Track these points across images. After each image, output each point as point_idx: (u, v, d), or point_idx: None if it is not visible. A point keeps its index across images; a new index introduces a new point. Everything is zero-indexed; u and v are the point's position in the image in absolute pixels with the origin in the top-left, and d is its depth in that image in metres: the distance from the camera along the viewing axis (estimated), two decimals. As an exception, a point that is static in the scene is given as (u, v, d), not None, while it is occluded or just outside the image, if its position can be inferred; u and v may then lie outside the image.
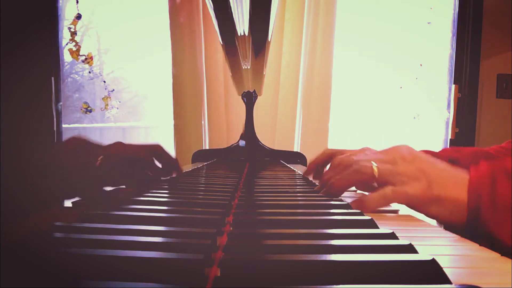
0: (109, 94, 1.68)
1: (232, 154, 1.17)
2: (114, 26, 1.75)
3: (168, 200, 0.43)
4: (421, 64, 1.73)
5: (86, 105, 1.67)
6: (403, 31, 1.74)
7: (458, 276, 0.21)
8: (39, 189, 0.37)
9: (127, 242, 0.23)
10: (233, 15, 0.65)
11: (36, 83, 1.51)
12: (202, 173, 0.79)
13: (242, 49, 0.80)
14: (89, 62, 1.66)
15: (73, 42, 1.62)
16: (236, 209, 0.38)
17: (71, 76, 1.76)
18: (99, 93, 1.68)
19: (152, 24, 1.70)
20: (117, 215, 0.32)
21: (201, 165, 0.96)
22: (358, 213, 0.36)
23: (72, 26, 1.62)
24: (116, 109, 1.69)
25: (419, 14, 1.73)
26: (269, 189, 0.54)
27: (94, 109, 1.68)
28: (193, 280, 0.19)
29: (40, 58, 1.52)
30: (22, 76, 1.48)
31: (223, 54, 1.21)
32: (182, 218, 0.31)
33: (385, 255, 0.21)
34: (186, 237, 0.25)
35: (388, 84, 1.76)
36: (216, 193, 0.47)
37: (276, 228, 0.30)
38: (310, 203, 0.43)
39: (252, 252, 0.23)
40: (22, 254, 0.20)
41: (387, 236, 0.27)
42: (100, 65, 1.72)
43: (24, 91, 1.48)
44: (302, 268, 0.20)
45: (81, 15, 1.63)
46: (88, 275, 0.19)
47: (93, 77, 1.68)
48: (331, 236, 0.28)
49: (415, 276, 0.20)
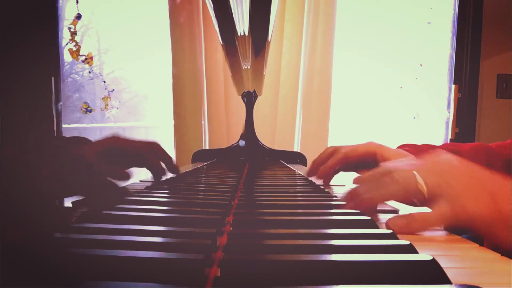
0: (109, 94, 1.68)
1: (232, 154, 1.17)
2: (114, 26, 1.75)
3: (168, 200, 0.44)
4: (421, 64, 1.73)
5: (86, 105, 1.67)
6: (403, 31, 1.74)
7: (458, 276, 0.21)
8: (39, 189, 0.37)
9: (127, 242, 0.23)
10: (233, 15, 0.65)
11: (36, 83, 1.51)
12: (202, 173, 0.79)
13: (242, 49, 0.81)
14: (89, 62, 1.66)
15: (73, 42, 1.62)
16: (236, 209, 0.38)
17: (71, 76, 1.76)
18: (99, 93, 1.69)
19: (152, 24, 1.70)
20: (117, 215, 0.32)
21: (201, 165, 0.96)
22: (358, 213, 0.36)
23: (72, 26, 1.62)
24: (116, 109, 1.69)
25: (419, 14, 1.73)
26: (269, 189, 0.54)
27: (94, 109, 1.68)
28: (193, 280, 0.19)
29: (40, 58, 1.52)
30: (22, 76, 1.48)
31: (223, 54, 1.21)
32: (182, 218, 0.31)
33: (385, 255, 0.21)
34: (186, 237, 0.25)
35: (388, 84, 1.76)
36: (216, 193, 0.47)
37: (276, 228, 0.30)
38: (310, 203, 0.43)
39: (252, 252, 0.23)
40: (22, 254, 0.20)
41: (387, 236, 0.27)
42: (100, 65, 1.72)
43: (24, 91, 1.48)
44: (302, 268, 0.20)
45: (81, 15, 1.63)
46: (88, 275, 0.19)
47: (93, 77, 1.68)
48: (331, 236, 0.28)
49: (415, 276, 0.20)
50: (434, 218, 0.33)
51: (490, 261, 0.25)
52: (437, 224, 0.33)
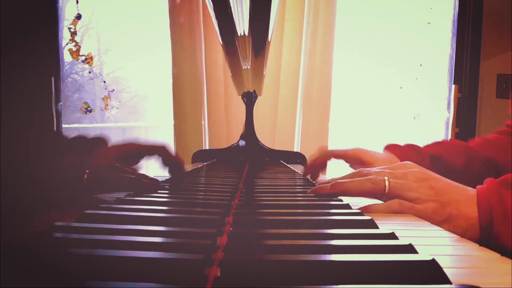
0: (109, 94, 1.68)
1: (232, 154, 1.17)
2: (114, 26, 1.75)
3: (168, 200, 0.44)
4: (421, 64, 1.73)
5: (86, 105, 1.67)
6: (403, 31, 1.74)
7: (458, 276, 0.21)
8: (39, 189, 0.37)
9: (127, 242, 0.23)
10: (233, 15, 0.65)
11: (36, 83, 1.51)
12: (202, 173, 0.79)
13: (242, 49, 0.80)
14: (89, 62, 1.66)
15: (73, 42, 1.62)
16: (236, 209, 0.38)
17: (71, 76, 1.76)
18: (99, 93, 1.69)
19: (152, 24, 1.70)
20: (117, 215, 0.32)
21: (201, 165, 0.96)
22: (358, 213, 0.36)
23: (72, 26, 1.62)
24: (116, 109, 1.69)
25: (419, 14, 1.73)
26: (269, 189, 0.54)
27: (94, 109, 1.68)
28: (193, 280, 0.19)
29: (40, 58, 1.52)
30: (22, 76, 1.48)
31: (223, 54, 1.21)
32: (182, 218, 0.31)
33: (385, 255, 0.21)
34: (186, 237, 0.25)
35: (388, 84, 1.76)
36: (216, 193, 0.47)
37: (276, 228, 0.30)
38: (310, 203, 0.43)
39: (252, 252, 0.23)
40: (22, 254, 0.20)
41: (387, 236, 0.27)
42: (100, 65, 1.72)
43: (24, 91, 1.48)
44: (302, 268, 0.20)
45: (81, 15, 1.63)
46: (88, 275, 0.19)
47: (93, 77, 1.68)
48: (331, 236, 0.28)
49: (415, 276, 0.20)
50: (383, 209, 0.43)
51: (490, 261, 0.25)
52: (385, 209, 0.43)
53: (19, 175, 0.36)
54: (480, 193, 0.42)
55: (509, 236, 0.39)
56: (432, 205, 0.42)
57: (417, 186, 0.43)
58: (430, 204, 0.42)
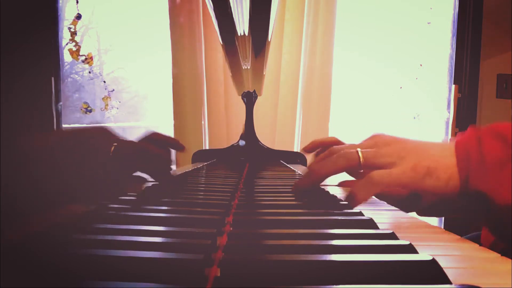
0: (109, 94, 1.68)
1: (232, 154, 1.17)
2: (114, 26, 1.75)
3: (168, 200, 0.43)
4: (421, 64, 1.73)
5: (86, 105, 1.67)
6: (403, 31, 1.74)
7: (458, 276, 0.21)
8: (39, 189, 0.37)
9: (127, 242, 0.23)
10: (233, 15, 0.65)
11: (36, 83, 1.51)
12: (202, 173, 0.79)
13: (242, 49, 0.80)
14: (89, 62, 1.66)
15: (73, 42, 1.62)
16: (236, 209, 0.38)
17: (71, 76, 1.76)
18: (99, 93, 1.69)
19: (152, 24, 1.70)
20: (117, 215, 0.32)
21: (201, 165, 0.96)
22: (358, 213, 0.36)
23: (72, 26, 1.62)
24: (116, 109, 1.69)
25: (419, 14, 1.73)
26: (269, 189, 0.54)
27: (94, 109, 1.68)
28: (193, 280, 0.19)
29: (40, 58, 1.52)
30: (22, 76, 1.48)
31: (223, 54, 1.21)
32: (182, 218, 0.31)
33: (385, 255, 0.21)
34: (186, 237, 0.25)
35: (388, 84, 1.76)
36: (216, 193, 0.47)
37: (276, 228, 0.30)
38: (310, 203, 0.43)
39: (252, 252, 0.23)
40: (22, 254, 0.20)
41: (387, 236, 0.27)
42: (100, 65, 1.72)
43: (24, 91, 1.48)
44: (302, 268, 0.20)
45: (81, 15, 1.63)
46: (88, 275, 0.19)
47: (93, 77, 1.68)
48: (331, 236, 0.28)
49: (415, 276, 0.20)
50: (364, 184, 0.41)
51: (490, 261, 0.25)
52: (368, 189, 0.41)
53: (19, 175, 0.36)
54: (458, 140, 0.41)
55: (487, 184, 0.38)
56: (409, 164, 0.41)
57: (390, 150, 0.42)
58: (407, 163, 0.41)
